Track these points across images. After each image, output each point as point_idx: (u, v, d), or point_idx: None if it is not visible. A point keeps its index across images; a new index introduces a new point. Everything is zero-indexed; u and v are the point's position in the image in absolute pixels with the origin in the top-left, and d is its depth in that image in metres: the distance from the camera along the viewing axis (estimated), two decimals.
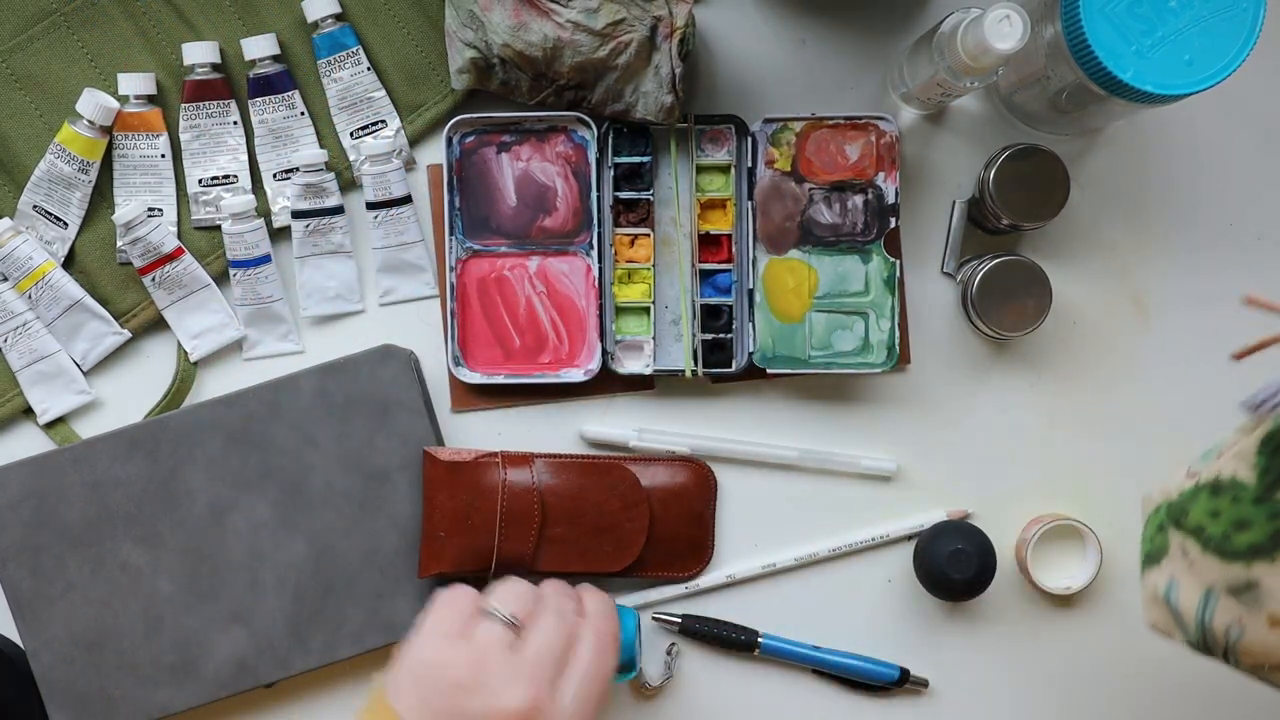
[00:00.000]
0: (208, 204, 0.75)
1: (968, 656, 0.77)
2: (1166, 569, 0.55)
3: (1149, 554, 0.57)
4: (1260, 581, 0.50)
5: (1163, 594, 0.55)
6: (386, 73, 0.75)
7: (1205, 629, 0.53)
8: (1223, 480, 0.52)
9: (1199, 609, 0.53)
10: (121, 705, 0.72)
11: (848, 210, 0.74)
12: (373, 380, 0.72)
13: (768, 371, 0.74)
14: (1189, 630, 0.54)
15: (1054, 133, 0.75)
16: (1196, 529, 0.53)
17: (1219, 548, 0.52)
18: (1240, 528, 0.51)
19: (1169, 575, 0.55)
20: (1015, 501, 0.77)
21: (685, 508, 0.75)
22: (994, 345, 0.77)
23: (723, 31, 0.76)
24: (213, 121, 0.74)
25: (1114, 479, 0.76)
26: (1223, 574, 0.51)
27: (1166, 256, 0.77)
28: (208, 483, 0.72)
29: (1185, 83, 0.62)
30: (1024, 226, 0.73)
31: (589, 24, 0.68)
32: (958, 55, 0.63)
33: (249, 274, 0.74)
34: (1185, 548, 0.53)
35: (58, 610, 0.72)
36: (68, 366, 0.75)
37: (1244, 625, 0.51)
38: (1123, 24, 0.62)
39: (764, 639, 0.75)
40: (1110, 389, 0.77)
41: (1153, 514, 0.57)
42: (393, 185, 0.74)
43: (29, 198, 0.74)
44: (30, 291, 0.74)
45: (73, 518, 0.72)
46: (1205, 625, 0.53)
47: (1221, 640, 0.52)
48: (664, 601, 0.76)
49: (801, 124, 0.74)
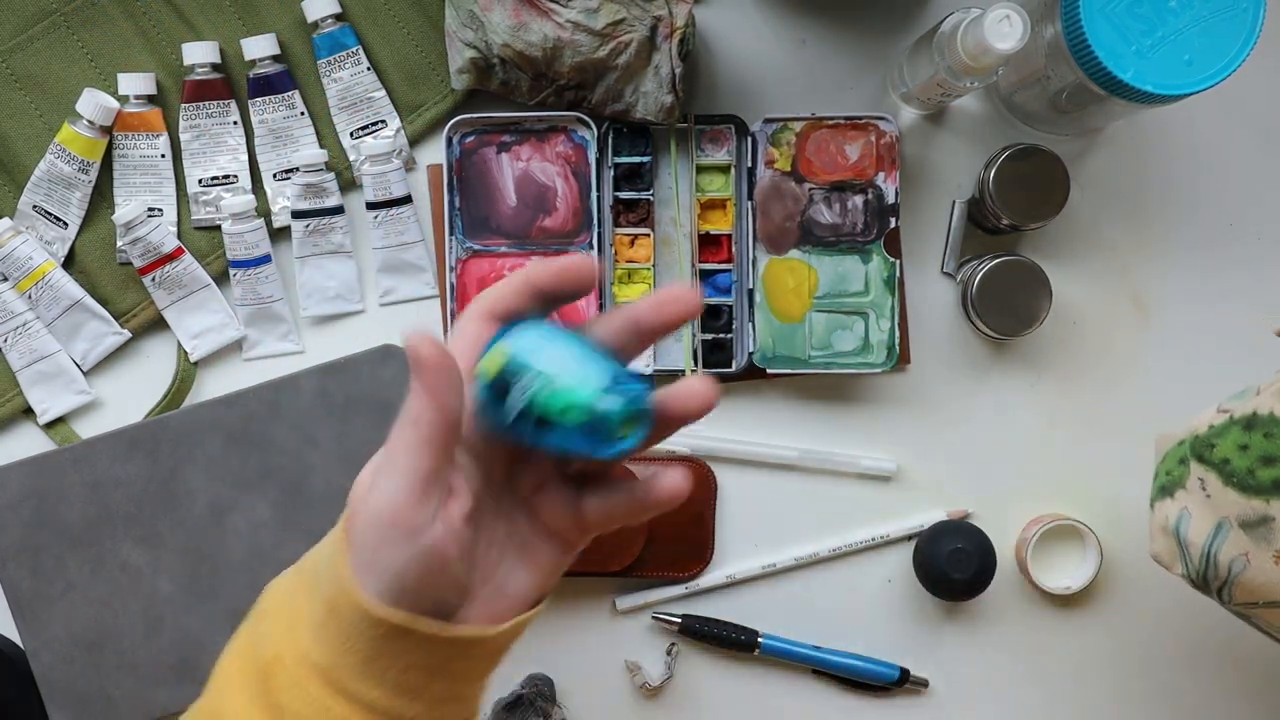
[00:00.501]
0: (208, 204, 0.75)
1: (967, 656, 0.77)
2: (1180, 501, 0.57)
3: (1163, 486, 0.59)
4: (1276, 517, 0.52)
5: (1172, 525, 0.57)
6: (386, 73, 0.75)
7: (1210, 560, 0.55)
8: (1259, 416, 0.54)
9: (1208, 540, 0.55)
10: (121, 705, 0.72)
11: (848, 210, 0.74)
12: (373, 380, 0.72)
13: (768, 371, 0.74)
14: (1192, 561, 0.56)
15: (1054, 133, 0.75)
16: (1221, 462, 0.55)
17: (1241, 482, 0.53)
18: (1268, 463, 0.53)
19: (1182, 507, 0.57)
20: (1015, 501, 0.77)
21: (685, 508, 0.73)
22: (994, 345, 0.77)
23: (723, 31, 0.76)
24: (213, 121, 0.74)
25: (1114, 479, 0.76)
26: (1239, 508, 0.53)
27: (1166, 256, 0.77)
28: (208, 483, 0.72)
29: (1185, 83, 0.62)
30: (1024, 226, 0.73)
31: (589, 24, 0.68)
32: (958, 55, 0.63)
33: (249, 274, 0.74)
34: (1205, 481, 0.55)
35: (58, 610, 0.72)
36: (68, 366, 0.75)
37: (1249, 559, 0.53)
38: (1123, 24, 0.61)
39: (764, 639, 0.75)
40: (1110, 389, 0.77)
41: (1175, 447, 0.59)
42: (393, 185, 0.74)
43: (29, 198, 0.74)
44: (30, 291, 0.73)
45: (73, 518, 0.72)
46: (1211, 556, 0.55)
47: (1223, 573, 0.55)
48: (664, 602, 0.76)
49: (801, 124, 0.74)
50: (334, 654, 0.40)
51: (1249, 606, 0.56)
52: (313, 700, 0.40)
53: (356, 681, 0.40)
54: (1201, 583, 0.57)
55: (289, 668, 0.40)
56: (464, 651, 0.41)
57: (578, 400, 0.39)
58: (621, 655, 0.76)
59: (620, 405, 0.39)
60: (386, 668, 0.40)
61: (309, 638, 0.40)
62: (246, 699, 0.41)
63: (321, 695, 0.40)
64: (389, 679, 0.40)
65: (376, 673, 0.40)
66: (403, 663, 0.40)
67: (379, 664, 0.39)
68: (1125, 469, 0.76)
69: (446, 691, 0.41)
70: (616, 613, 0.76)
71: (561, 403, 0.39)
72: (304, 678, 0.40)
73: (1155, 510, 0.59)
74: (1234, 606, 0.56)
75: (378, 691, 0.40)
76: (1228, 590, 0.55)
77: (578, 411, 0.39)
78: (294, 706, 0.40)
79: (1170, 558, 0.58)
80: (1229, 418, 0.56)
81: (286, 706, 0.40)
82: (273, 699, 0.40)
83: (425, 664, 0.40)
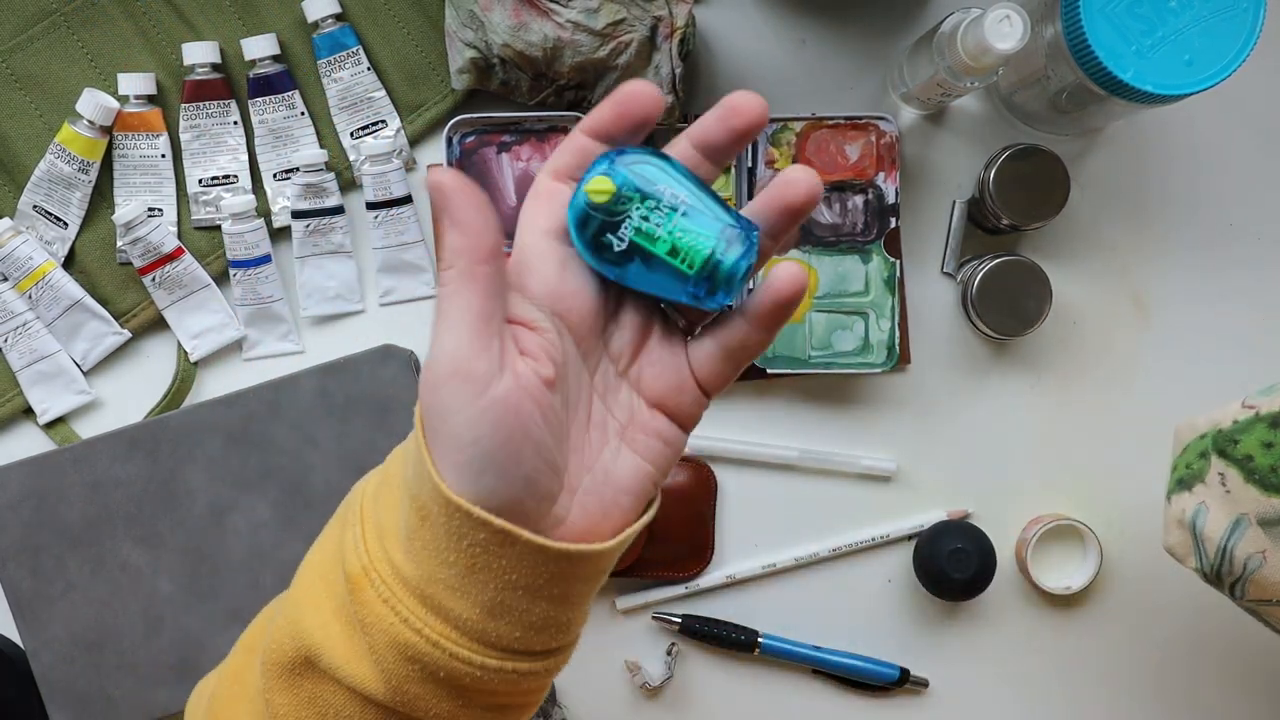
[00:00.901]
0: (208, 204, 0.75)
1: (967, 656, 0.77)
2: (1199, 495, 0.57)
3: (1181, 479, 0.58)
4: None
5: (1189, 518, 0.57)
6: (386, 73, 0.75)
7: (1225, 555, 0.55)
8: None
9: (1224, 535, 0.55)
10: (121, 705, 0.72)
11: (848, 210, 0.74)
12: (373, 380, 0.72)
13: (767, 371, 0.74)
14: (1206, 556, 0.56)
15: (1054, 133, 0.75)
16: (1244, 458, 0.55)
17: (1263, 480, 0.54)
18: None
19: (1200, 500, 0.57)
20: (1015, 501, 0.77)
21: (685, 508, 0.74)
22: (994, 345, 0.77)
23: (723, 31, 0.76)
24: (213, 121, 0.74)
25: (1114, 479, 0.76)
26: (1259, 505, 0.53)
27: (1166, 256, 0.77)
28: (208, 483, 0.72)
29: (1185, 83, 0.62)
30: (1024, 226, 0.73)
31: (589, 24, 0.68)
32: (958, 55, 0.63)
33: (249, 274, 0.74)
34: (1225, 476, 0.56)
35: (58, 610, 0.72)
36: (68, 366, 0.75)
37: (1266, 557, 0.53)
38: (1123, 24, 0.61)
39: (764, 639, 0.75)
40: (1110, 389, 0.77)
41: (1196, 440, 0.59)
42: (393, 185, 0.74)
43: (29, 198, 0.74)
44: (30, 291, 0.73)
45: (73, 518, 0.72)
46: (1227, 551, 0.55)
47: (1238, 569, 0.55)
48: (664, 602, 0.76)
49: (801, 124, 0.74)
50: (428, 565, 0.36)
51: (1261, 604, 0.56)
52: (407, 619, 0.37)
53: (453, 598, 0.36)
54: (1215, 578, 0.56)
55: (378, 582, 0.37)
56: (568, 569, 0.37)
57: (701, 242, 0.35)
58: (621, 655, 0.76)
59: (742, 254, 0.35)
60: (486, 583, 0.36)
61: (400, 550, 0.37)
62: (330, 611, 0.39)
63: (417, 612, 0.37)
64: (485, 598, 0.36)
65: (475, 588, 0.36)
66: (501, 580, 0.36)
67: (478, 578, 0.36)
68: (1126, 469, 0.76)
69: (547, 615, 0.38)
70: (616, 612, 0.76)
71: (687, 242, 0.35)
72: (397, 594, 0.37)
73: (1172, 502, 0.59)
74: (1246, 603, 0.56)
75: (475, 611, 0.37)
76: (1241, 586, 0.55)
77: (699, 254, 0.35)
78: (382, 624, 0.37)
79: (1184, 551, 0.58)
80: (1255, 414, 0.56)
81: (374, 625, 0.37)
82: (360, 614, 0.37)
83: (527, 583, 0.37)
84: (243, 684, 0.43)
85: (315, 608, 0.39)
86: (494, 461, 0.35)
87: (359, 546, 0.38)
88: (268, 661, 0.41)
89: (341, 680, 0.39)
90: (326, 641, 0.39)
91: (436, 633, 0.37)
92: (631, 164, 0.36)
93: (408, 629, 0.37)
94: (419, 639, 0.37)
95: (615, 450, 0.39)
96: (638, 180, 0.35)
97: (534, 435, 0.35)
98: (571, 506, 0.38)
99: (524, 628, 0.38)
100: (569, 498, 0.38)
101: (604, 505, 0.38)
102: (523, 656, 0.38)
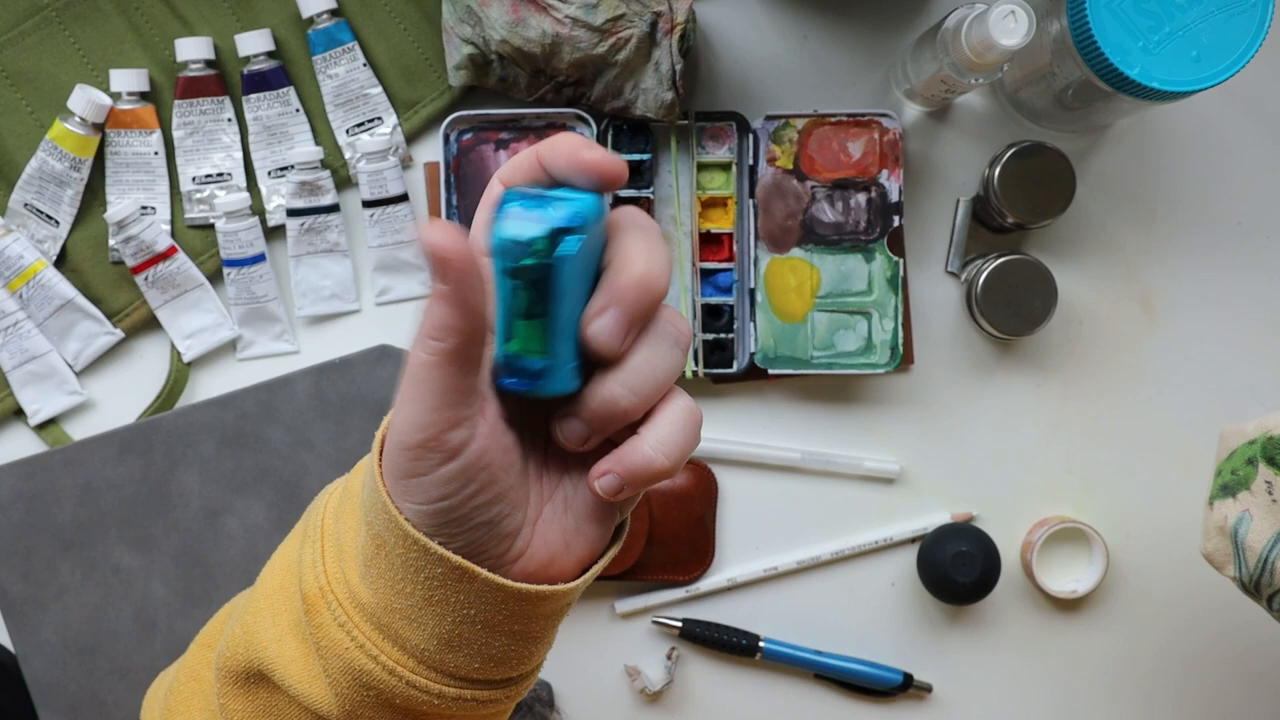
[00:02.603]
0: (201, 202, 0.74)
1: (972, 661, 0.76)
2: (1243, 502, 0.56)
3: (1226, 484, 0.58)
4: None
5: (1231, 526, 0.56)
6: (383, 69, 0.74)
7: (1268, 566, 0.54)
8: None
9: (1269, 546, 0.54)
10: (114, 710, 0.72)
11: (850, 209, 0.74)
12: (369, 380, 0.72)
13: (769, 372, 0.73)
14: (1246, 566, 0.55)
15: (1060, 130, 0.75)
16: None
17: None
18: None
19: (1244, 508, 0.56)
20: (1020, 504, 0.76)
21: (686, 510, 0.74)
22: (999, 345, 0.76)
23: (724, 27, 0.75)
24: (206, 118, 0.73)
25: (1120, 481, 0.76)
26: None
27: (1174, 256, 0.76)
28: (201, 484, 0.72)
29: (1193, 79, 0.61)
30: (1029, 225, 0.72)
31: (588, 19, 0.68)
32: (962, 51, 0.62)
33: (243, 273, 0.73)
34: (1272, 485, 0.55)
35: (50, 614, 0.71)
36: (59, 367, 0.74)
37: None
38: (1129, 19, 0.61)
39: (766, 643, 0.74)
40: (1116, 389, 0.76)
41: (1245, 446, 0.58)
42: (389, 183, 0.73)
43: (20, 195, 0.73)
44: (21, 291, 0.73)
45: (65, 520, 0.71)
46: (1270, 562, 0.54)
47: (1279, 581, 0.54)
48: (664, 605, 0.75)
49: (804, 121, 0.73)
50: (385, 594, 0.36)
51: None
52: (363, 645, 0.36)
53: (410, 628, 0.36)
54: (1253, 588, 0.56)
55: (335, 606, 0.37)
56: (527, 608, 0.36)
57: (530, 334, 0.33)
58: (621, 660, 0.75)
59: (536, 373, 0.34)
60: (443, 615, 0.36)
61: (357, 574, 0.37)
62: (287, 625, 0.38)
63: (373, 638, 0.36)
64: (443, 629, 0.36)
65: (432, 620, 0.36)
66: (459, 614, 0.36)
67: (434, 610, 0.36)
68: (1132, 471, 0.76)
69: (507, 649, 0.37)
70: (616, 616, 0.75)
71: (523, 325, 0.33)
72: (353, 619, 0.36)
73: (1214, 508, 0.58)
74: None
75: (433, 642, 0.36)
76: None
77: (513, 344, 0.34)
78: (337, 649, 0.37)
79: (1223, 559, 0.57)
80: None
81: (329, 649, 0.37)
82: (316, 636, 0.37)
83: (485, 619, 0.36)
84: (200, 681, 0.43)
85: (272, 619, 0.39)
86: (458, 514, 0.34)
87: (317, 566, 0.38)
88: (222, 667, 0.40)
89: (295, 698, 0.38)
90: (281, 658, 0.38)
91: (393, 660, 0.37)
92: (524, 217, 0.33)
93: (364, 655, 0.37)
94: (375, 665, 0.37)
95: (575, 480, 0.38)
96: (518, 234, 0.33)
97: (500, 483, 0.35)
98: (532, 538, 0.37)
99: (483, 659, 0.37)
100: (530, 529, 0.37)
101: (565, 535, 0.37)
102: (481, 685, 0.38)
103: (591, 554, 0.38)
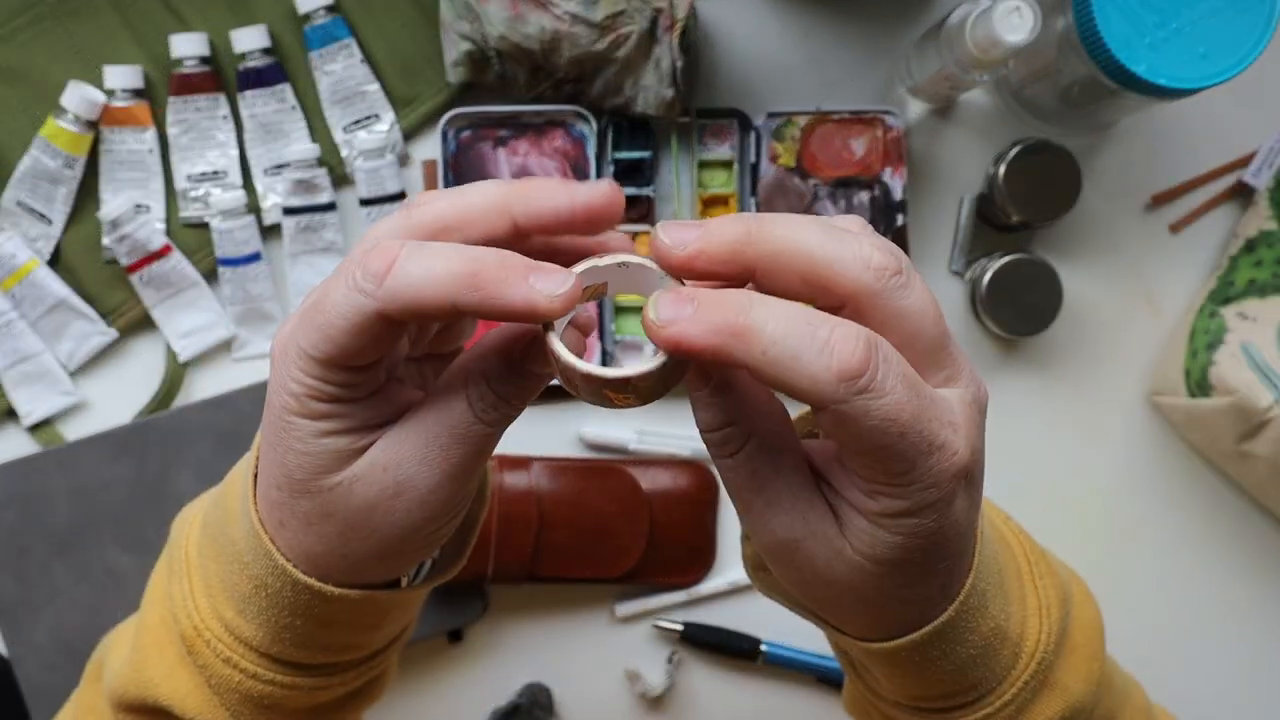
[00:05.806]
0: (196, 200, 0.73)
1: None
2: (1232, 342, 0.63)
3: (1209, 344, 0.64)
4: None
5: (1245, 361, 0.62)
6: (380, 66, 0.73)
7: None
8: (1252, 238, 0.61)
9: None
10: None
11: (853, 207, 0.73)
12: None
13: None
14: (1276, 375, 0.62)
15: (1065, 127, 0.74)
16: (1247, 286, 0.60)
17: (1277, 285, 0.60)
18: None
19: (1240, 341, 0.62)
20: (1024, 504, 0.75)
21: (686, 512, 0.73)
22: (1003, 345, 0.75)
23: (725, 24, 0.74)
24: (201, 116, 0.73)
25: (1125, 482, 0.75)
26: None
27: (1180, 255, 0.75)
28: (198, 486, 0.71)
29: (1199, 76, 0.61)
30: (1034, 224, 0.72)
31: (587, 16, 0.67)
32: (966, 48, 0.62)
33: (239, 272, 0.73)
34: (1243, 310, 0.62)
35: (43, 616, 0.71)
36: (53, 367, 0.73)
37: None
38: (1136, 16, 0.60)
39: (767, 647, 0.74)
40: (1122, 390, 0.75)
41: (1197, 315, 0.65)
42: (386, 181, 0.72)
43: (12, 194, 0.72)
44: (14, 290, 0.72)
45: (58, 522, 0.71)
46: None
47: None
48: (665, 609, 0.75)
49: (806, 119, 0.72)
50: (270, 628, 0.37)
51: None
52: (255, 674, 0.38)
53: (302, 652, 0.38)
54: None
55: (214, 643, 0.38)
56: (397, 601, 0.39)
57: None
58: (621, 663, 0.75)
59: None
60: (335, 634, 0.38)
61: (232, 610, 0.38)
62: (175, 658, 0.39)
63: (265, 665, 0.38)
64: (338, 641, 0.38)
65: (327, 638, 0.38)
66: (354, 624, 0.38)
67: (327, 631, 0.37)
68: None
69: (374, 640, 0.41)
70: (616, 620, 0.75)
71: None
72: (238, 652, 0.38)
73: (1218, 364, 0.64)
74: None
75: (328, 655, 0.39)
76: None
77: None
78: (230, 683, 0.38)
79: (1256, 392, 0.62)
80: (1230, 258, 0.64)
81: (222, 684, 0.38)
82: (205, 673, 0.39)
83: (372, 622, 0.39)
84: (98, 715, 0.43)
85: (159, 654, 0.40)
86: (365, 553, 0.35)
87: (188, 604, 0.39)
88: (116, 703, 0.41)
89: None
90: (175, 694, 0.39)
91: (289, 680, 0.38)
92: None
93: (258, 682, 0.38)
94: (272, 688, 0.38)
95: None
96: None
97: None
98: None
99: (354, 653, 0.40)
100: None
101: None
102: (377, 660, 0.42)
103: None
